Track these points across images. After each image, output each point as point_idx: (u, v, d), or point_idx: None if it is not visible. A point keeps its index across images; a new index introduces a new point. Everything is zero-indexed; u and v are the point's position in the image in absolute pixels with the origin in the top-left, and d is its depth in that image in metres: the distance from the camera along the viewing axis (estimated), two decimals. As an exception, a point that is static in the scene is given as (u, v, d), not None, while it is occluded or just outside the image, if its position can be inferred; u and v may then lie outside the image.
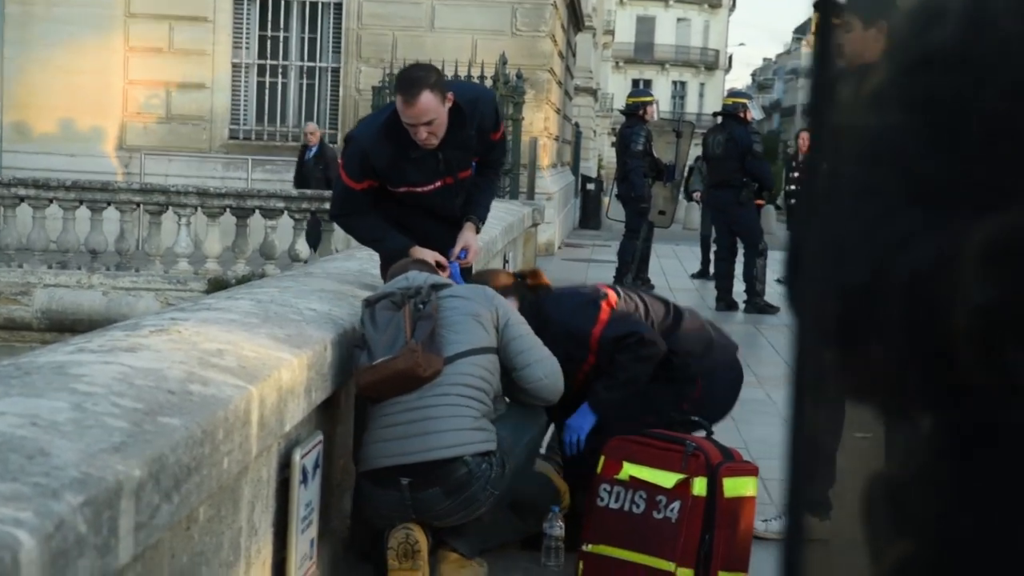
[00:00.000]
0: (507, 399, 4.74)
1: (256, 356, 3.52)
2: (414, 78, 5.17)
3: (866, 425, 0.82)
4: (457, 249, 5.42)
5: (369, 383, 4.35)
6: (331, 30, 19.47)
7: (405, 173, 5.34)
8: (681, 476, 4.45)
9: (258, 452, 3.30)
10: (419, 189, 5.38)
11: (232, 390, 3.10)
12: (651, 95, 14.63)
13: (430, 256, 5.31)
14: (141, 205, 14.46)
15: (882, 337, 0.81)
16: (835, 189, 0.81)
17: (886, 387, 0.82)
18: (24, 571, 1.90)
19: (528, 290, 5.18)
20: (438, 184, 5.39)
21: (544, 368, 4.67)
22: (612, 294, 5.12)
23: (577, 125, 33.42)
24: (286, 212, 14.26)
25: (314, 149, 16.64)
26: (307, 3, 19.46)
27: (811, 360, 0.80)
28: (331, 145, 17.06)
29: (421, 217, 5.47)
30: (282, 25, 19.48)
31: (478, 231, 5.58)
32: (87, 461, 2.27)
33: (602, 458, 4.70)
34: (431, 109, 5.12)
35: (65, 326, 13.56)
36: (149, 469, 2.42)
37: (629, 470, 4.55)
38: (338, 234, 14.28)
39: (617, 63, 74.81)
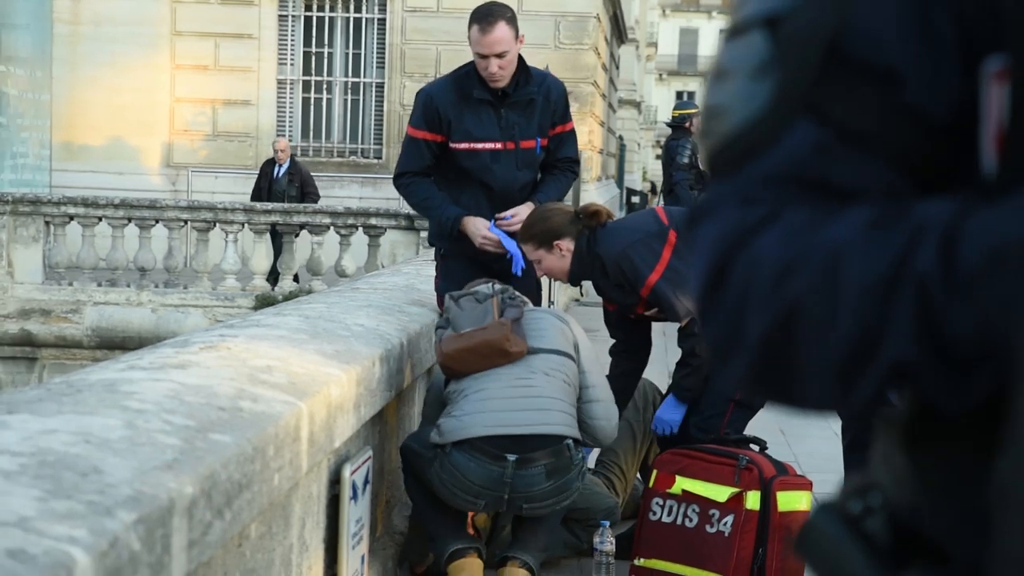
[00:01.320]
0: None
1: (305, 372, 3.52)
2: (491, 10, 5.36)
3: None
4: (506, 213, 5.39)
5: (455, 350, 4.38)
6: (375, 46, 19.52)
7: (465, 120, 5.38)
8: (734, 490, 4.41)
9: (308, 468, 3.29)
10: (480, 145, 5.39)
11: (282, 406, 3.09)
12: (696, 107, 14.54)
13: (482, 225, 5.34)
14: (188, 222, 14.55)
15: None
16: None
17: None
18: (79, 589, 1.89)
19: (585, 227, 5.10)
20: (499, 146, 5.39)
21: (609, 409, 4.63)
22: (673, 234, 4.96)
23: (621, 138, 33.39)
24: (332, 228, 14.31)
25: (284, 166, 16.29)
26: (351, 19, 19.53)
27: None
28: (301, 160, 17.00)
29: (479, 199, 5.44)
30: (326, 41, 19.56)
31: None
32: (140, 478, 2.26)
33: (654, 472, 4.67)
34: (505, 40, 5.28)
35: (115, 343, 13.65)
36: (201, 486, 2.41)
37: (682, 484, 4.52)
38: (384, 249, 14.32)
39: (660, 75, 74.74)
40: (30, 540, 1.89)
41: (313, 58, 19.60)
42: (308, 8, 19.52)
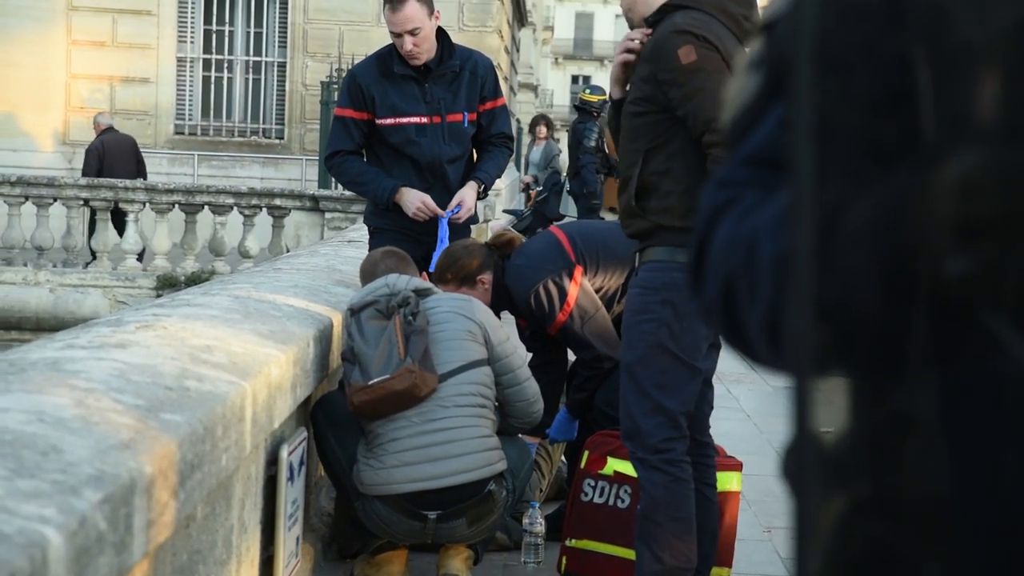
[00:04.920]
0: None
1: (245, 352, 3.49)
2: None
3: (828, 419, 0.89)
4: (453, 203, 5.43)
5: (365, 402, 4.21)
6: (277, 24, 19.34)
7: (389, 95, 5.41)
8: (666, 471, 4.43)
9: (251, 449, 3.26)
10: (405, 120, 5.41)
11: (227, 386, 3.06)
12: (605, 92, 14.63)
13: (418, 198, 5.33)
14: (88, 201, 14.29)
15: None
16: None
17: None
18: (52, 569, 1.87)
19: (500, 258, 5.17)
20: (424, 120, 5.42)
21: (531, 389, 4.57)
22: (578, 270, 5.07)
23: (519, 121, 33.43)
24: (235, 208, 14.15)
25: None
26: (252, -3, 19.34)
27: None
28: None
29: (409, 174, 5.46)
30: (227, 19, 19.33)
31: (480, 194, 5.59)
32: (100, 457, 2.23)
33: (586, 453, 4.68)
34: (416, 16, 5.30)
35: (11, 324, 13.38)
36: (159, 466, 2.39)
37: (614, 465, 4.54)
38: (288, 230, 14.20)
39: (556, 59, 74.92)
40: (1, 519, 1.86)
41: (214, 36, 19.36)
42: (208, -15, 19.30)
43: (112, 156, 15.44)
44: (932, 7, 0.85)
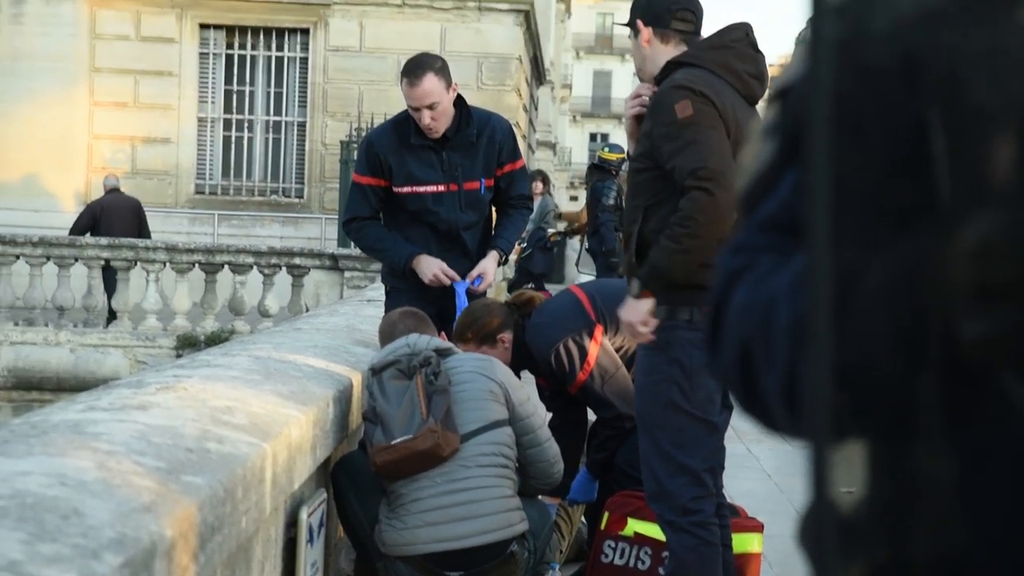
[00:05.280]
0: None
1: (265, 413, 3.49)
2: (420, 62, 5.39)
3: (850, 479, 0.89)
4: (474, 274, 5.45)
5: (387, 462, 4.21)
6: (297, 84, 19.48)
7: (407, 164, 5.41)
8: (687, 532, 4.41)
9: (271, 511, 3.26)
10: (422, 189, 5.42)
11: (247, 447, 3.06)
12: (623, 150, 14.67)
13: (435, 265, 5.35)
14: (109, 261, 14.36)
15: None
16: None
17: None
18: (73, 635, 1.87)
19: (520, 317, 5.19)
20: (441, 188, 5.42)
21: (552, 450, 4.57)
22: (599, 329, 5.09)
23: (538, 179, 33.48)
24: (255, 267, 14.20)
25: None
26: (272, 58, 19.48)
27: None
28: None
29: (427, 238, 5.48)
30: (248, 79, 19.48)
31: (500, 262, 5.61)
32: (121, 521, 2.23)
33: (606, 514, 4.67)
34: (434, 91, 5.30)
35: (32, 384, 13.41)
36: (179, 529, 2.39)
37: (634, 526, 4.53)
38: (308, 289, 14.24)
39: (574, 117, 75.25)
40: (23, 584, 1.87)
41: (234, 96, 19.51)
42: (229, 46, 19.46)
43: (111, 216, 15.56)
44: (948, 70, 0.85)
